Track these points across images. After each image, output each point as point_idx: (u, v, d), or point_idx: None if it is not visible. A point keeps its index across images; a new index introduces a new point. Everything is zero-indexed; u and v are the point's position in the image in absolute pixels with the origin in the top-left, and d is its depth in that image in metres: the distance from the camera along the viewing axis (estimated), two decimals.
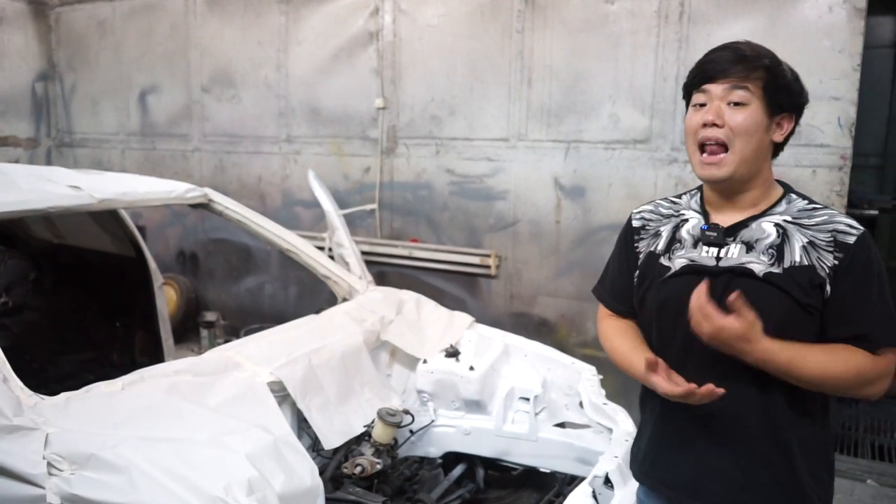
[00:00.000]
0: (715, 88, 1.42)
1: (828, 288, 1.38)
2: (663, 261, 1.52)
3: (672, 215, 1.58)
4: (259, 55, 5.25)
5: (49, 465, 1.69)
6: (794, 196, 1.49)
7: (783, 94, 1.42)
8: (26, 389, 1.90)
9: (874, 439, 4.20)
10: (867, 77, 3.91)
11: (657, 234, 1.58)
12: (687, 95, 1.51)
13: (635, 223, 1.64)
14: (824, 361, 1.36)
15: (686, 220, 1.54)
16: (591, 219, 4.16)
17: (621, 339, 1.62)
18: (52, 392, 1.94)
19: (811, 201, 1.48)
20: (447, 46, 4.48)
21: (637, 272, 1.59)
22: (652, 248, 1.57)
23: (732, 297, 1.30)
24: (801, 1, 3.48)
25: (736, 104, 1.40)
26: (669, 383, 1.38)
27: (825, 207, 1.45)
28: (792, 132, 1.47)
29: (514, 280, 4.45)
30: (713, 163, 1.42)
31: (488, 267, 4.44)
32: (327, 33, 4.93)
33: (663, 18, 3.82)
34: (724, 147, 1.41)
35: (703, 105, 1.44)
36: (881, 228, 5.17)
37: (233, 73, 5.41)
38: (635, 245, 1.62)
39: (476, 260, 4.47)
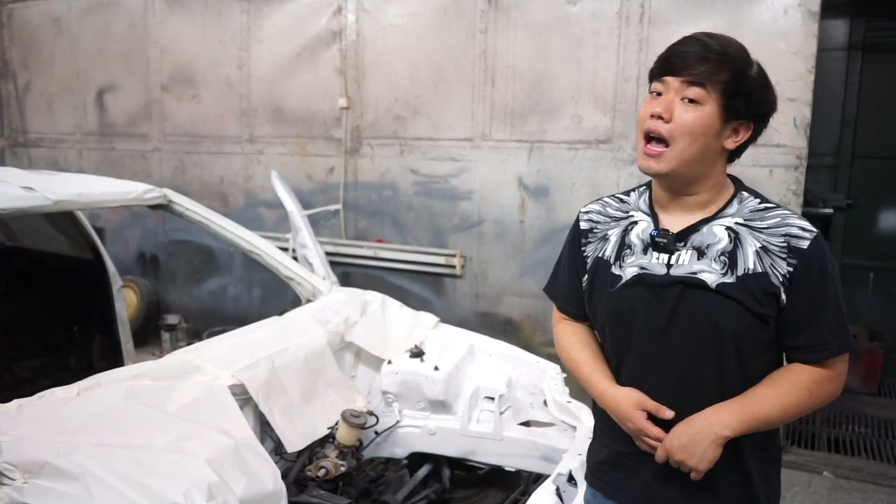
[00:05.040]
0: (673, 81, 1.35)
1: (783, 297, 1.34)
2: (614, 269, 1.46)
3: (621, 217, 1.52)
4: (220, 54, 5.18)
5: (0, 474, 1.65)
6: (745, 194, 1.43)
7: (741, 100, 1.34)
8: None
9: (830, 432, 4.31)
10: (821, 79, 4.01)
11: (605, 238, 1.52)
12: (650, 83, 1.43)
13: (583, 225, 1.57)
14: (778, 397, 1.35)
15: (635, 223, 1.48)
16: (555, 218, 4.19)
17: (578, 352, 1.57)
18: (5, 399, 1.89)
19: (763, 199, 1.42)
20: (411, 46, 4.47)
21: (586, 277, 1.54)
22: (600, 254, 1.51)
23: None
24: (758, 4, 3.55)
25: (690, 101, 1.33)
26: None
27: (777, 207, 1.40)
28: (750, 141, 1.40)
29: (479, 280, 4.46)
30: (652, 155, 1.36)
31: (453, 267, 4.45)
32: (290, 32, 4.89)
33: (624, 20, 3.87)
34: (665, 143, 1.35)
35: (658, 94, 1.38)
36: (835, 226, 5.31)
37: (193, 71, 5.33)
38: (583, 249, 1.56)
39: (441, 260, 4.47)
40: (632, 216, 1.50)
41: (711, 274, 1.36)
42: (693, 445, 1.34)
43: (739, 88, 1.33)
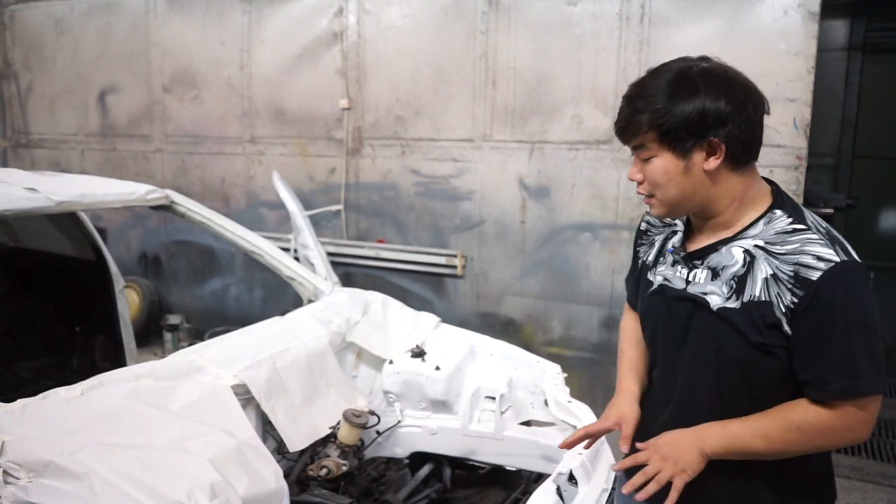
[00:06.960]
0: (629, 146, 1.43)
1: (786, 328, 1.28)
2: (649, 275, 1.55)
3: (669, 224, 1.57)
4: (221, 55, 5.19)
5: (5, 473, 1.65)
6: (777, 213, 1.35)
7: (683, 132, 1.29)
8: None
9: None
10: (821, 79, 4.02)
11: (652, 244, 1.60)
12: None
13: (643, 226, 1.66)
14: (763, 428, 1.31)
15: (675, 233, 1.53)
16: (556, 218, 4.20)
17: (629, 347, 1.67)
18: (9, 399, 1.90)
19: (796, 220, 1.33)
20: (412, 47, 4.48)
21: (636, 277, 1.65)
22: (645, 258, 1.60)
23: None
24: (758, 4, 3.56)
25: (645, 160, 1.37)
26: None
27: (806, 230, 1.30)
28: (738, 146, 1.30)
29: (480, 280, 4.47)
30: (649, 204, 1.43)
31: (454, 267, 4.46)
32: (291, 33, 4.90)
33: (624, 21, 3.88)
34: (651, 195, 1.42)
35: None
36: (836, 227, 5.28)
37: (195, 72, 5.34)
38: (638, 249, 1.65)
39: (442, 260, 4.48)
40: (676, 224, 1.55)
41: (718, 297, 1.37)
42: (679, 451, 1.34)
43: (669, 127, 1.30)
